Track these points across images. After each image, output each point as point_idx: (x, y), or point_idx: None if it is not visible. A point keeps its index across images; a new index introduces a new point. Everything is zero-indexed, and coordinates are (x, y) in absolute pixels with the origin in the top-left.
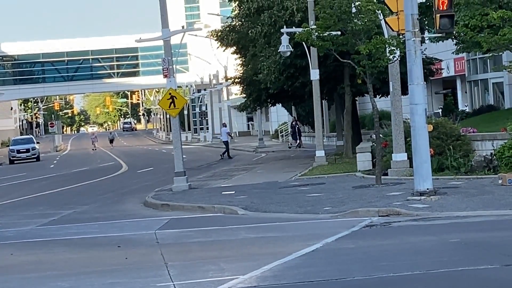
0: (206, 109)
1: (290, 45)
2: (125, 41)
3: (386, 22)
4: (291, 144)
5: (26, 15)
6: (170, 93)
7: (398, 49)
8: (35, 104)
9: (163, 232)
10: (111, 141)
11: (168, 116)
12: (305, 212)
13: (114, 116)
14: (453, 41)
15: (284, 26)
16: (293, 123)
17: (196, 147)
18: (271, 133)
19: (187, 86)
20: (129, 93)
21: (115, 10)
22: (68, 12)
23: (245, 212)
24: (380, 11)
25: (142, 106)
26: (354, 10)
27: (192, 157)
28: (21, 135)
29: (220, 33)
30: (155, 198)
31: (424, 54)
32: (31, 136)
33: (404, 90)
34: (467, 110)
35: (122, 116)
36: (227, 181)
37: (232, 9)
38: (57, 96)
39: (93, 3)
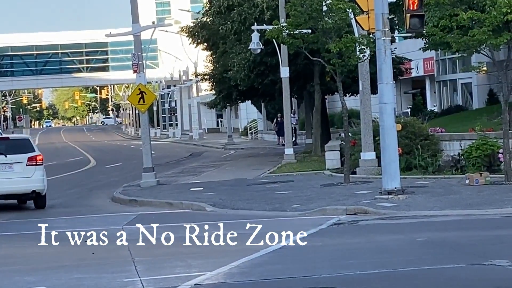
0: (176, 105)
1: (260, 43)
2: (95, 36)
3: (356, 21)
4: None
5: None
6: (139, 89)
7: (368, 48)
8: (3, 98)
9: (131, 228)
10: None
11: (137, 111)
12: (273, 210)
13: (83, 111)
14: (423, 40)
15: (255, 24)
16: (279, 119)
17: (165, 143)
18: (240, 130)
19: (156, 82)
20: (98, 88)
21: (86, 4)
22: (38, 5)
23: (213, 208)
24: (350, 10)
25: (111, 101)
26: (325, 8)
27: (161, 153)
28: None
29: (191, 30)
30: (123, 193)
31: (394, 53)
32: None
33: (374, 89)
34: (435, 110)
35: (91, 111)
36: (196, 177)
37: (203, 5)
38: (26, 90)
39: None
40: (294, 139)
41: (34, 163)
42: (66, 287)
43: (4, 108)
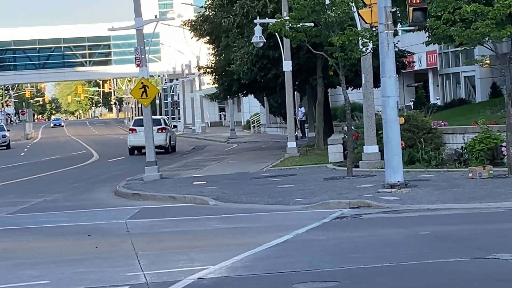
0: (178, 99)
1: (263, 36)
2: (97, 30)
3: (359, 15)
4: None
5: None
6: (142, 83)
7: (371, 41)
8: (5, 92)
9: (134, 222)
10: None
11: (140, 105)
12: (276, 203)
13: (86, 105)
14: (425, 32)
15: (257, 17)
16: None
17: None
18: (243, 123)
19: (159, 76)
20: (100, 82)
21: None
22: None
23: (216, 202)
24: (353, 3)
25: (114, 95)
26: (327, 1)
27: None
28: None
29: (193, 23)
30: (126, 187)
31: (396, 47)
32: (2, 123)
33: (376, 83)
34: (438, 103)
35: (94, 105)
36: (199, 171)
37: None
38: (28, 84)
39: None
40: (302, 133)
41: (161, 131)
42: (69, 281)
43: (7, 103)
